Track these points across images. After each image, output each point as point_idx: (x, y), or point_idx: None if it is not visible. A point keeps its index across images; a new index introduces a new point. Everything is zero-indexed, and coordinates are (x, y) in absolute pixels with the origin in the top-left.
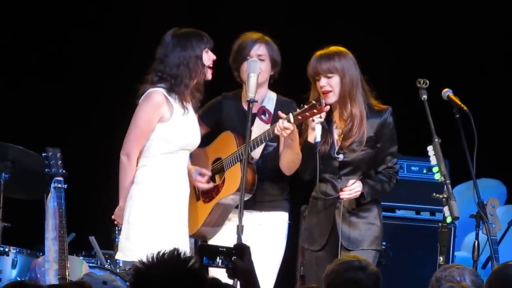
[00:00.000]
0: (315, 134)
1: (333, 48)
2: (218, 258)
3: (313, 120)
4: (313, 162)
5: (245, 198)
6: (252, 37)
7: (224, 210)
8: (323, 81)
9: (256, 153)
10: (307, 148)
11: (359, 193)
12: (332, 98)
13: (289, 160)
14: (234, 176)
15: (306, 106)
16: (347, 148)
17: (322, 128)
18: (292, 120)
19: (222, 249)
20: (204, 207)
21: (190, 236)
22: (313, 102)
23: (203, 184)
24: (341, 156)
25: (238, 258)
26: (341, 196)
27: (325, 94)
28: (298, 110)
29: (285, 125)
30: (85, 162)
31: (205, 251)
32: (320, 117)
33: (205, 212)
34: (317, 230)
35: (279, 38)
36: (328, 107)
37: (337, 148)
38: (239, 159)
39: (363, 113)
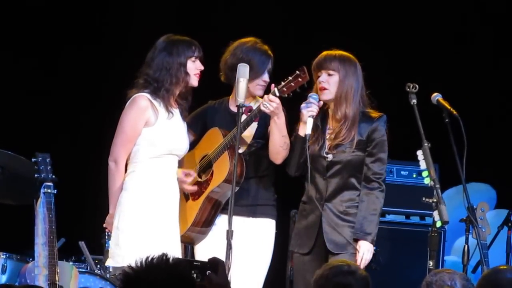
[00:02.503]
0: (303, 127)
1: (342, 52)
2: (192, 272)
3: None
4: (301, 157)
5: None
6: (264, 50)
7: (214, 205)
8: (323, 77)
9: (246, 138)
10: (297, 142)
11: (371, 253)
12: (327, 95)
13: (277, 144)
14: (222, 166)
15: (290, 77)
16: (336, 148)
17: (313, 122)
18: (277, 93)
19: (197, 263)
20: (194, 204)
21: (181, 240)
22: (297, 72)
23: (189, 186)
24: (330, 156)
25: (213, 273)
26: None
27: (321, 90)
28: (283, 83)
29: (271, 98)
30: (74, 167)
31: None
32: (312, 111)
33: (194, 210)
34: (305, 234)
35: (272, 44)
36: (321, 103)
37: (327, 148)
38: (226, 148)
39: (356, 116)
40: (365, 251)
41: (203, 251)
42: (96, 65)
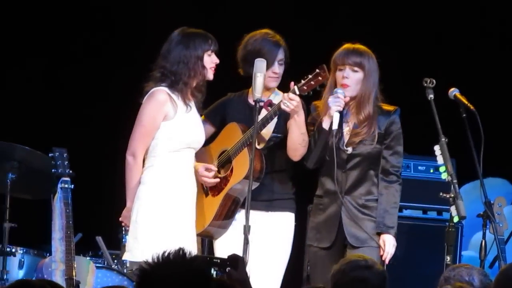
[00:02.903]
0: (330, 121)
1: (364, 47)
2: (212, 269)
3: (330, 106)
4: (324, 151)
5: (253, 187)
6: (272, 40)
7: (234, 202)
8: (347, 72)
9: (265, 134)
10: (321, 135)
11: (394, 247)
12: (349, 92)
13: (295, 141)
14: (242, 163)
15: (310, 76)
16: (356, 143)
17: (340, 116)
18: (297, 92)
19: (216, 260)
20: (213, 200)
21: (199, 234)
22: (317, 70)
23: (210, 180)
24: (349, 149)
25: (232, 269)
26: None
27: (344, 86)
28: (303, 81)
29: (291, 96)
30: (91, 162)
31: None
32: (339, 106)
33: (214, 206)
34: (324, 228)
35: (284, 35)
36: (348, 98)
37: (345, 141)
38: (246, 145)
39: (375, 113)
40: (389, 245)
41: (223, 246)
42: (112, 59)
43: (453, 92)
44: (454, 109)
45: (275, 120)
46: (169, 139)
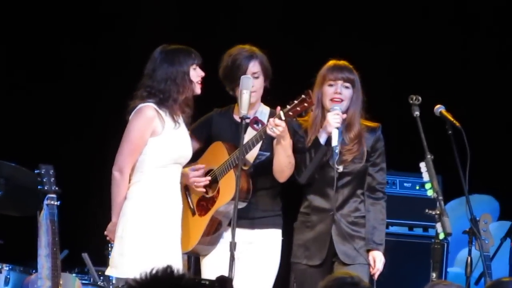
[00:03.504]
0: (326, 137)
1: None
2: None
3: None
4: (318, 166)
5: (240, 206)
6: (245, 54)
7: (221, 222)
8: (340, 88)
9: (251, 155)
10: (318, 150)
11: (382, 261)
12: (341, 108)
13: (282, 164)
14: (229, 184)
15: (295, 101)
16: (348, 161)
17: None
18: (283, 117)
19: (205, 282)
20: (201, 220)
21: (187, 253)
22: (302, 96)
23: (200, 179)
24: (340, 167)
25: None
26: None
27: (335, 101)
28: (288, 106)
29: (276, 122)
30: (78, 179)
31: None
32: (338, 122)
33: (202, 226)
34: (314, 245)
35: (271, 47)
36: (345, 115)
37: (336, 159)
38: (232, 166)
39: (363, 130)
40: (379, 262)
41: (210, 264)
42: (98, 75)
43: (439, 109)
44: (440, 126)
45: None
46: (156, 154)
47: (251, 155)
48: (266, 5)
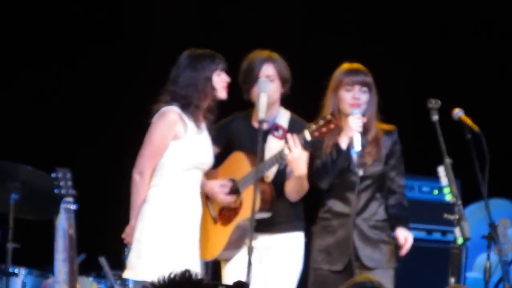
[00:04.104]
0: (347, 141)
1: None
2: None
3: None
4: (335, 171)
5: (265, 216)
6: (260, 57)
7: (243, 232)
8: (358, 93)
9: (272, 171)
10: (340, 156)
11: (411, 239)
12: (355, 109)
13: (294, 188)
14: (252, 197)
15: (321, 122)
16: (367, 165)
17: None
18: (308, 137)
19: (223, 287)
20: (223, 230)
21: (210, 261)
22: (329, 117)
23: (225, 197)
24: (361, 171)
25: None
26: (403, 253)
27: (354, 106)
28: (314, 126)
29: (298, 153)
30: (95, 182)
31: None
32: (360, 127)
33: (225, 236)
34: (336, 250)
35: (293, 53)
36: (365, 119)
37: (356, 163)
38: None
39: (379, 132)
40: (407, 237)
41: (233, 270)
42: (118, 79)
43: (458, 113)
44: (459, 130)
45: (281, 143)
46: (177, 158)
47: (273, 170)
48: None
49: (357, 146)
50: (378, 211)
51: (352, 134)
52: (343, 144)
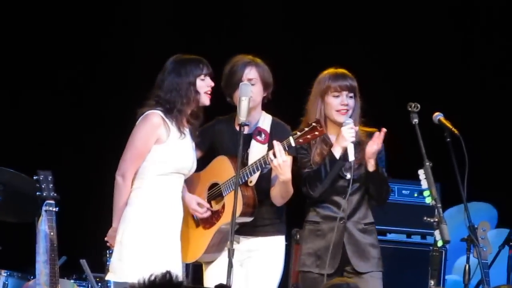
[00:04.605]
0: (340, 151)
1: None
2: None
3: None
4: (329, 181)
5: (247, 220)
6: (243, 61)
7: (225, 235)
8: (345, 98)
9: (255, 176)
10: (334, 165)
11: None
12: (346, 117)
13: (279, 194)
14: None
15: (306, 129)
16: (355, 168)
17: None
18: (293, 143)
19: None
20: (205, 233)
21: (191, 263)
22: (313, 124)
23: (202, 215)
24: (348, 175)
25: None
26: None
27: (342, 111)
28: (299, 133)
29: (283, 160)
30: (77, 185)
31: None
32: (354, 136)
33: (206, 239)
34: (326, 254)
35: (275, 58)
36: (357, 127)
37: (344, 167)
38: (239, 183)
39: (362, 135)
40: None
41: (214, 272)
42: (101, 83)
43: (438, 116)
44: (438, 133)
45: (265, 148)
46: (158, 162)
47: (256, 174)
48: (269, 14)
49: (351, 156)
50: (367, 214)
51: (346, 144)
52: (337, 154)
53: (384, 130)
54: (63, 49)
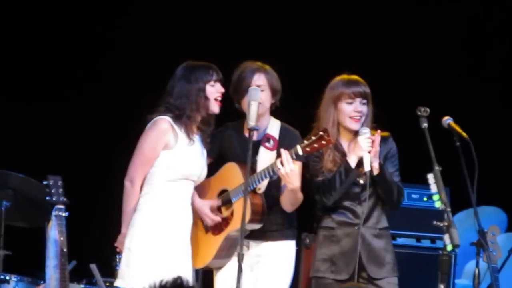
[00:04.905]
0: (356, 161)
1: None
2: None
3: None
4: (343, 189)
5: (256, 227)
6: (251, 67)
7: (234, 242)
8: (358, 105)
9: (263, 183)
10: (349, 175)
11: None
12: (359, 125)
13: (288, 201)
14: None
15: (314, 137)
16: (367, 174)
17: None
18: (300, 152)
19: None
20: (214, 239)
21: (200, 269)
22: (321, 133)
23: (212, 221)
24: (361, 180)
25: None
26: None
27: (355, 118)
28: (306, 142)
29: (290, 168)
30: (86, 190)
31: None
32: (370, 146)
33: (215, 245)
34: (342, 260)
35: (283, 64)
36: (373, 137)
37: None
38: (248, 190)
39: None
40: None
41: (224, 277)
42: (110, 88)
43: (447, 120)
44: (448, 137)
45: (274, 154)
46: (166, 168)
47: (265, 181)
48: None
49: (367, 166)
50: (381, 219)
51: (362, 154)
52: (352, 163)
53: (379, 132)
54: (72, 55)
